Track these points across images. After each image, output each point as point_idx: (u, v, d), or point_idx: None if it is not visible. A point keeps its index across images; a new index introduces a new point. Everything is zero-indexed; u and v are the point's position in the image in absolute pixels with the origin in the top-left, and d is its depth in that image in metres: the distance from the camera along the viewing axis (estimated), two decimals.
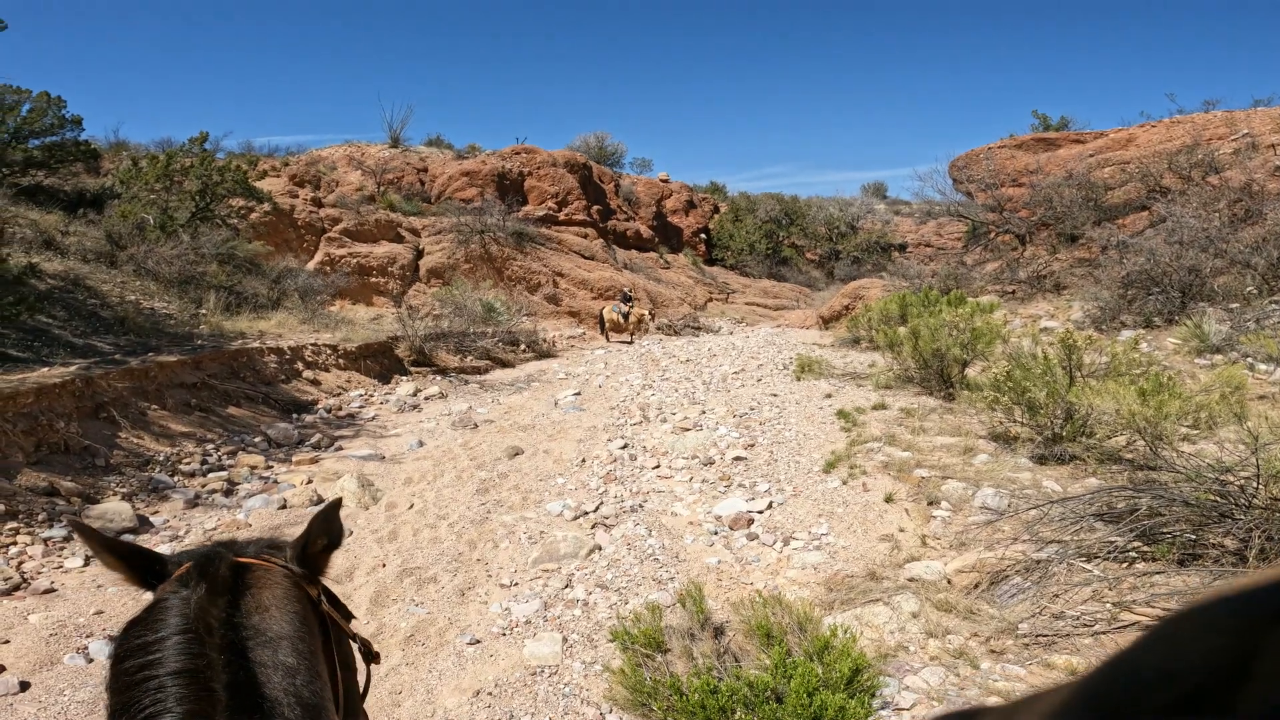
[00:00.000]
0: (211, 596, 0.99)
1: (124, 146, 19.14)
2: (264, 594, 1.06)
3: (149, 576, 1.10)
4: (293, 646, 0.99)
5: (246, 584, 1.06)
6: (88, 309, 9.69)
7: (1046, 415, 5.78)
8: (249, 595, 1.04)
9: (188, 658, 0.89)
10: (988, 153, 19.47)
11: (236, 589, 1.04)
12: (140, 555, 1.11)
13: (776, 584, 4.31)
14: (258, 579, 1.08)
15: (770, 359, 12.61)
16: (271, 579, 1.09)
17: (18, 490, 5.42)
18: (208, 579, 1.02)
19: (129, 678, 0.89)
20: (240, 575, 1.07)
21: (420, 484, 6.53)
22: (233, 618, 0.99)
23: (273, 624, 1.01)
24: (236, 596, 1.03)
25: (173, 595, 0.99)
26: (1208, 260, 11.59)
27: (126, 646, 0.93)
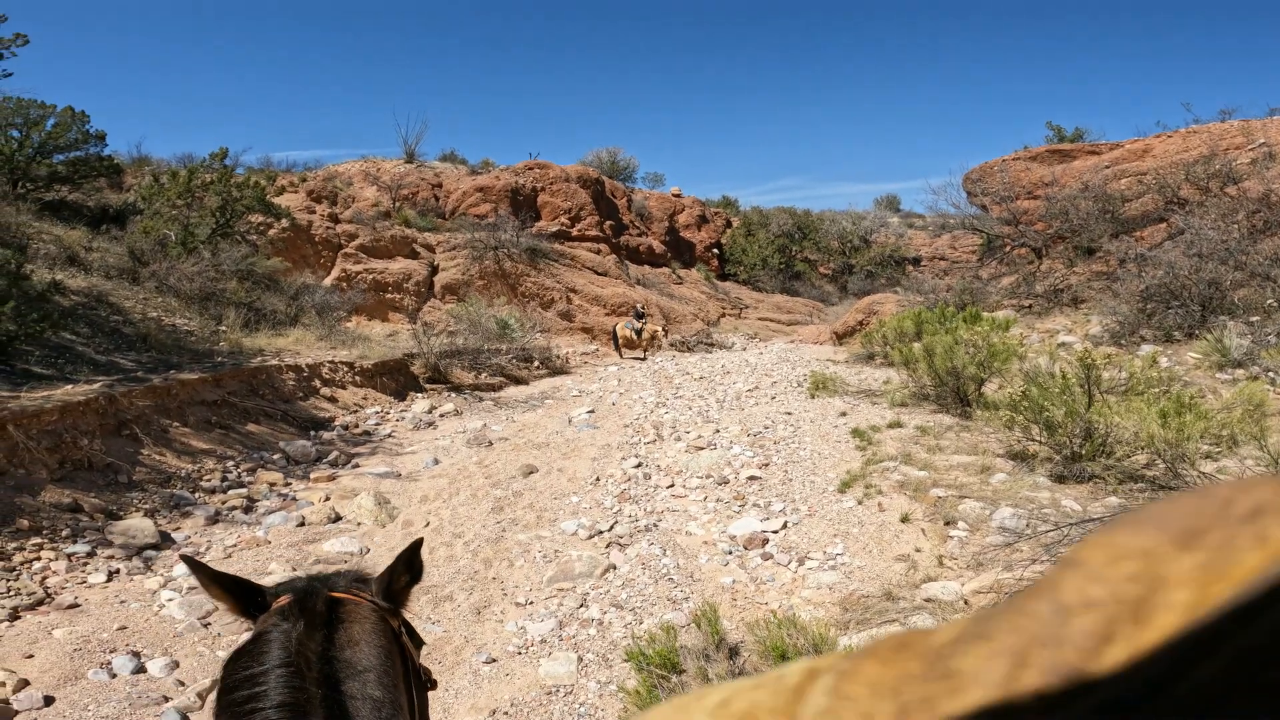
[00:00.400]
0: (310, 631, 1.07)
1: (146, 162, 19.45)
2: (354, 628, 1.13)
3: (250, 606, 1.19)
4: (378, 679, 1.07)
5: (339, 617, 1.13)
6: (110, 325, 9.86)
7: (1065, 434, 5.74)
8: (341, 629, 1.11)
9: (289, 691, 0.97)
10: (1002, 165, 19.40)
11: (331, 622, 1.11)
12: (242, 586, 1.21)
13: (791, 604, 4.30)
14: (349, 613, 1.15)
15: (784, 376, 12.60)
16: (361, 613, 1.17)
17: (42, 506, 5.51)
18: (306, 614, 1.10)
19: (238, 708, 0.97)
20: (334, 609, 1.14)
21: (436, 502, 6.57)
22: (328, 651, 1.06)
23: (362, 657, 1.08)
24: (331, 630, 1.10)
25: (274, 629, 1.07)
26: (1227, 273, 11.48)
27: (235, 678, 1.01)
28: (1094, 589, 0.24)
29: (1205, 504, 0.25)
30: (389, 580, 1.29)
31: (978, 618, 0.26)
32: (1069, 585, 0.24)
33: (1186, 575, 0.23)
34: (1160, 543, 0.24)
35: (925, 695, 0.24)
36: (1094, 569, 0.24)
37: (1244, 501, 0.24)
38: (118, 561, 4.99)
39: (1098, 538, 0.26)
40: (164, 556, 5.19)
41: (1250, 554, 0.22)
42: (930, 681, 0.25)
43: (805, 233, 28.77)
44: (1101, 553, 0.25)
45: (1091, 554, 0.25)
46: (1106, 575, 0.24)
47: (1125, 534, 0.25)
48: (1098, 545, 0.25)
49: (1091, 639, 0.23)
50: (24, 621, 4.09)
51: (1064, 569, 0.25)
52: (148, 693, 3.44)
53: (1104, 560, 0.24)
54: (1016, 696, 0.23)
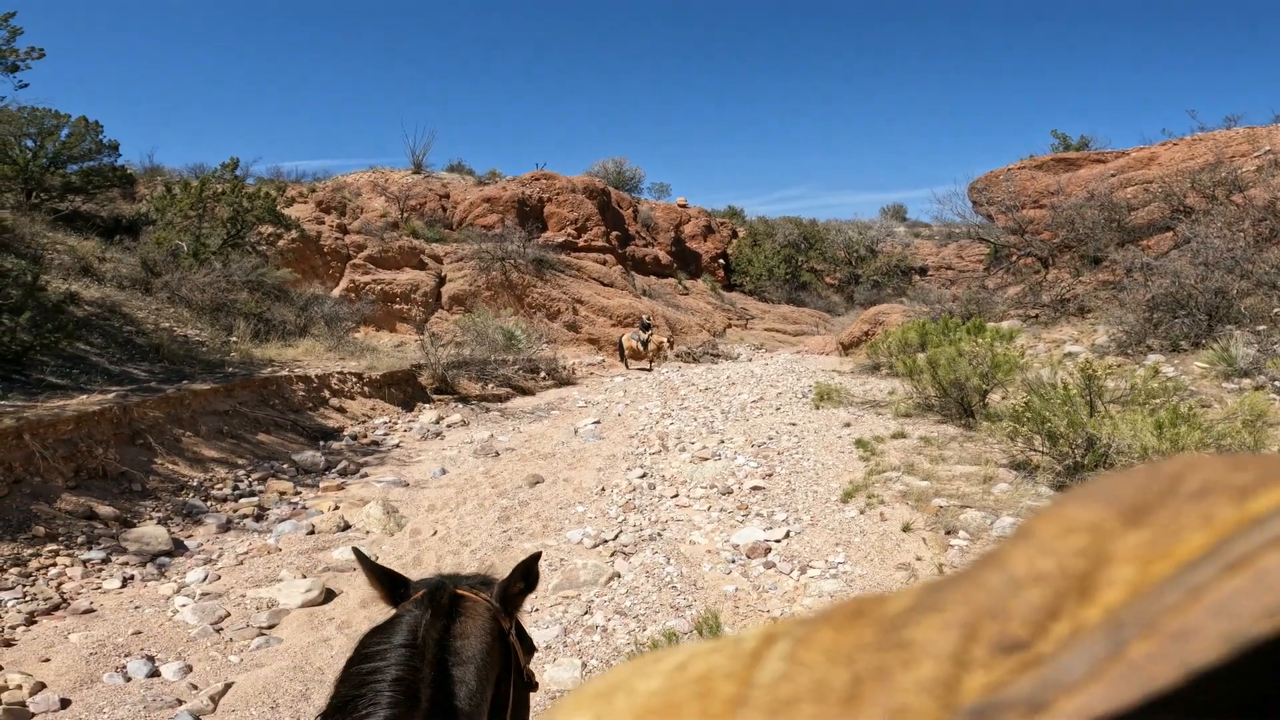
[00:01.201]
0: (434, 619, 1.25)
1: (158, 172, 19.67)
2: (469, 623, 1.31)
3: (396, 596, 1.40)
4: (476, 670, 1.23)
5: (459, 611, 1.32)
6: (124, 336, 10.01)
7: (1067, 444, 5.78)
8: (458, 622, 1.30)
9: (406, 668, 1.13)
10: (1007, 174, 19.43)
11: (452, 615, 1.30)
12: (393, 579, 1.43)
13: (793, 612, 4.35)
14: (467, 609, 1.34)
15: (789, 387, 12.64)
16: (477, 611, 1.35)
17: (58, 514, 5.62)
18: (433, 605, 1.28)
19: (360, 678, 1.12)
20: (456, 603, 1.33)
21: (443, 511, 6.65)
22: (444, 639, 1.24)
23: (468, 648, 1.26)
24: (450, 621, 1.29)
25: (407, 614, 1.26)
26: (1234, 282, 11.47)
27: (365, 650, 1.18)
28: (1043, 562, 0.24)
29: (1155, 480, 0.25)
30: (506, 586, 1.45)
31: (930, 586, 0.26)
32: (1020, 557, 0.24)
33: (1131, 552, 0.23)
34: (1108, 518, 0.24)
35: (879, 664, 0.24)
36: (1044, 541, 0.24)
37: (1193, 479, 0.24)
38: (132, 568, 5.08)
39: (1050, 509, 0.26)
40: (177, 563, 5.28)
41: (1195, 533, 0.22)
42: (884, 651, 0.25)
43: (811, 243, 28.84)
44: (1052, 525, 0.25)
45: (1043, 526, 0.25)
46: (1055, 548, 0.24)
47: (1076, 507, 0.25)
48: (1049, 518, 0.25)
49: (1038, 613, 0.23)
50: (40, 626, 4.18)
51: (1016, 540, 0.25)
52: (162, 696, 3.51)
53: (1054, 533, 0.24)
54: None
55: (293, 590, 4.73)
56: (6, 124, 13.55)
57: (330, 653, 4.01)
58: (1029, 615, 0.23)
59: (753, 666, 0.28)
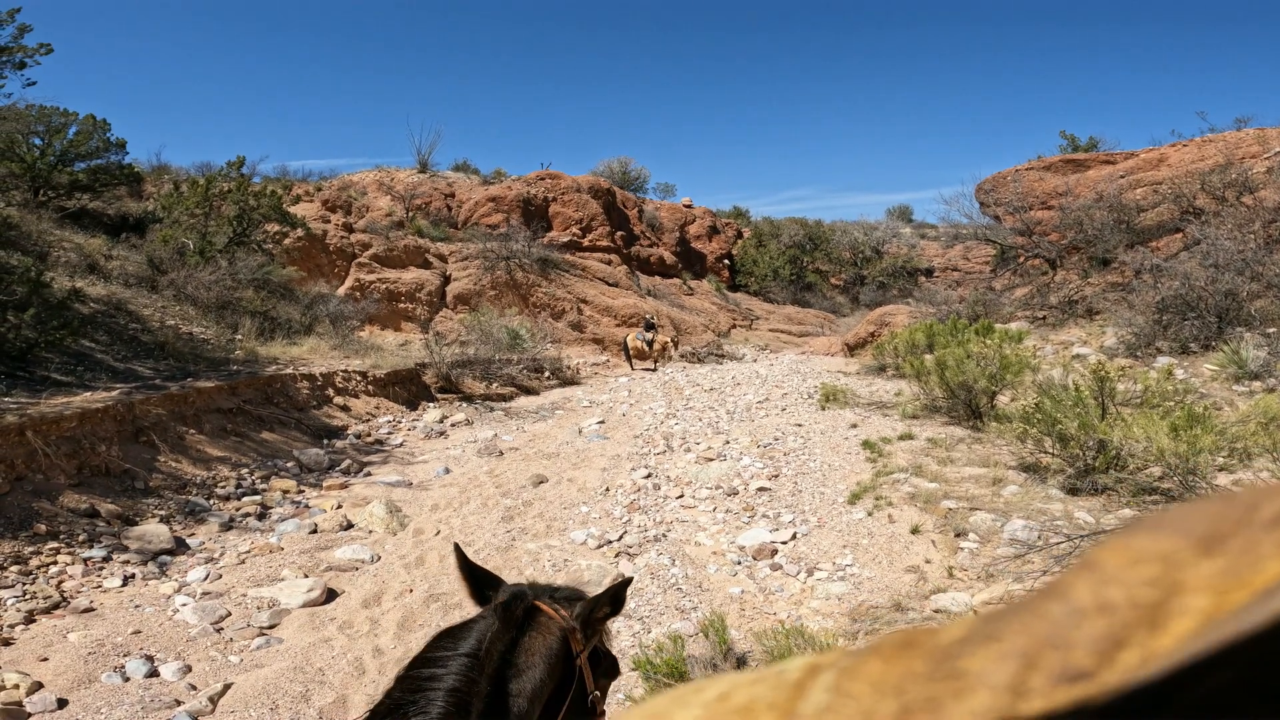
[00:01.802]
0: (502, 632, 1.25)
1: (165, 170, 19.66)
2: (537, 639, 1.30)
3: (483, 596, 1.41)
4: (530, 692, 1.23)
5: (531, 626, 1.31)
6: (129, 333, 10.00)
7: (1078, 446, 5.70)
8: (527, 637, 1.29)
9: (463, 680, 1.14)
10: (1015, 175, 19.32)
11: (523, 627, 1.29)
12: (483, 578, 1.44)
13: (800, 614, 4.29)
14: (540, 624, 1.32)
15: (795, 387, 12.57)
16: (549, 628, 1.33)
17: (59, 511, 5.59)
18: (505, 617, 1.28)
19: (416, 682, 1.14)
20: (530, 617, 1.32)
21: (446, 511, 6.60)
22: (508, 653, 1.24)
23: (528, 668, 1.25)
24: (519, 635, 1.28)
25: (480, 620, 1.27)
26: (1244, 284, 11.36)
27: (427, 654, 1.19)
28: (1109, 592, 0.23)
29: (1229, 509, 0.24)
30: (591, 608, 1.42)
31: (987, 617, 0.26)
32: (1083, 587, 0.24)
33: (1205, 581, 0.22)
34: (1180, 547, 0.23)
35: (930, 695, 0.24)
36: (1110, 572, 0.24)
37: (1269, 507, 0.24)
38: (133, 566, 5.05)
39: (1116, 540, 0.25)
40: (178, 562, 5.25)
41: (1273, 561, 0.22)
42: (935, 681, 0.24)
43: (816, 243, 28.75)
44: (1119, 556, 0.24)
45: (1109, 557, 0.24)
46: (1123, 578, 0.23)
47: (1144, 537, 0.24)
48: (1115, 548, 0.25)
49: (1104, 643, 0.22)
50: (39, 625, 4.15)
51: (1079, 571, 0.25)
52: (160, 696, 3.47)
53: (1121, 563, 0.24)
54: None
55: (294, 590, 4.69)
56: (14, 122, 13.57)
57: (331, 653, 3.96)
58: (1094, 645, 0.22)
59: (796, 698, 0.27)
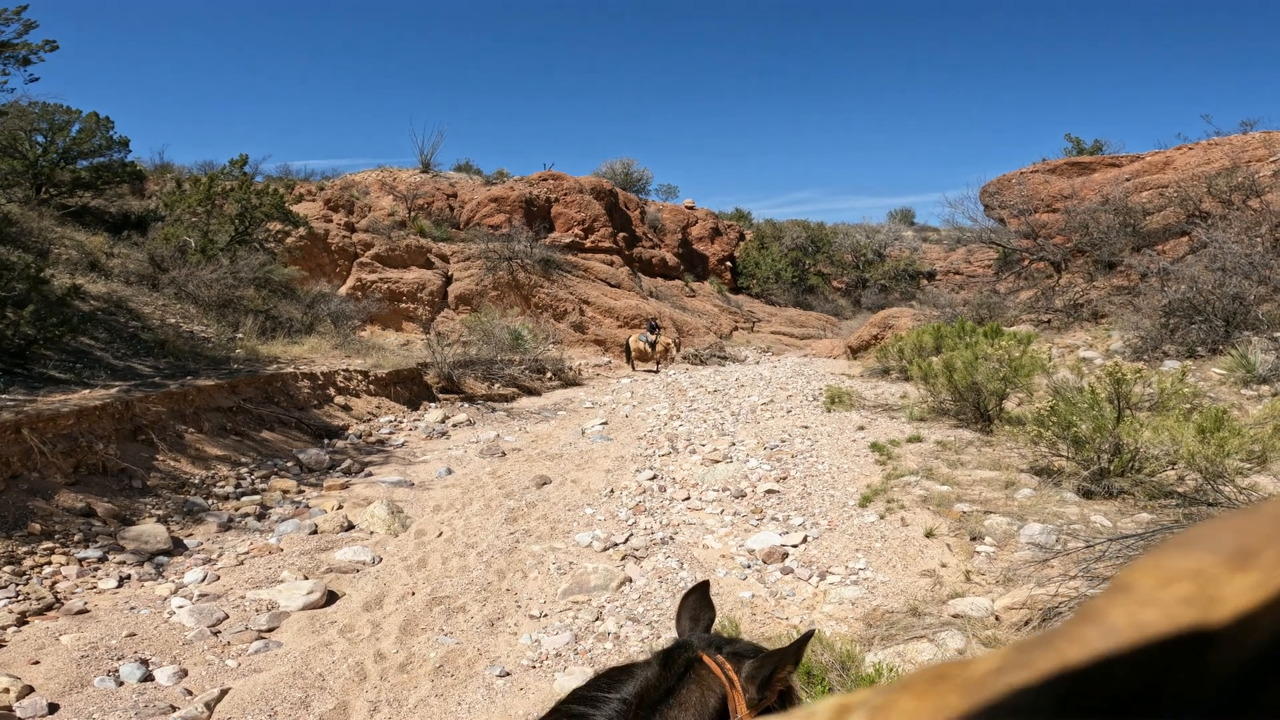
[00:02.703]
0: (661, 680, 1.20)
1: (168, 168, 19.59)
2: (693, 693, 1.22)
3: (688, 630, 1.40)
4: None
5: (689, 678, 1.24)
6: (129, 331, 9.90)
7: (1093, 449, 5.60)
8: (684, 690, 1.22)
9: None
10: (1020, 178, 19.22)
11: (681, 678, 1.23)
12: (695, 617, 1.44)
13: (813, 619, 4.18)
14: (700, 677, 1.24)
15: (799, 390, 12.47)
16: (708, 685, 1.24)
17: (55, 511, 5.48)
18: (665, 665, 1.23)
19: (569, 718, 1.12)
20: (691, 668, 1.25)
21: (449, 512, 6.49)
22: (661, 703, 1.17)
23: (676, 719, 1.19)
24: (677, 685, 1.21)
25: (644, 666, 1.23)
26: (1251, 287, 11.27)
27: (585, 692, 1.17)
28: (1146, 613, 0.23)
29: (1256, 522, 0.24)
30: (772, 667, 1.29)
31: (1019, 647, 0.25)
32: (1118, 611, 0.23)
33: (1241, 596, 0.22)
34: (1212, 563, 0.23)
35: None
36: (1144, 593, 0.23)
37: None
38: (129, 567, 4.94)
39: (1146, 561, 0.25)
40: (175, 563, 5.14)
41: None
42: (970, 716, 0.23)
43: (819, 246, 28.66)
44: (1152, 576, 0.24)
45: (1141, 577, 0.24)
46: (1158, 599, 0.23)
47: (1175, 556, 0.24)
48: (1147, 568, 0.24)
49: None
50: (32, 627, 4.03)
51: (1112, 594, 0.24)
52: (154, 701, 3.36)
53: (1154, 583, 0.24)
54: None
55: (294, 592, 4.58)
56: (17, 119, 13.49)
57: (331, 658, 3.85)
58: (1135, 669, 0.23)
59: None
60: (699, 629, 1.41)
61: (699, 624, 1.41)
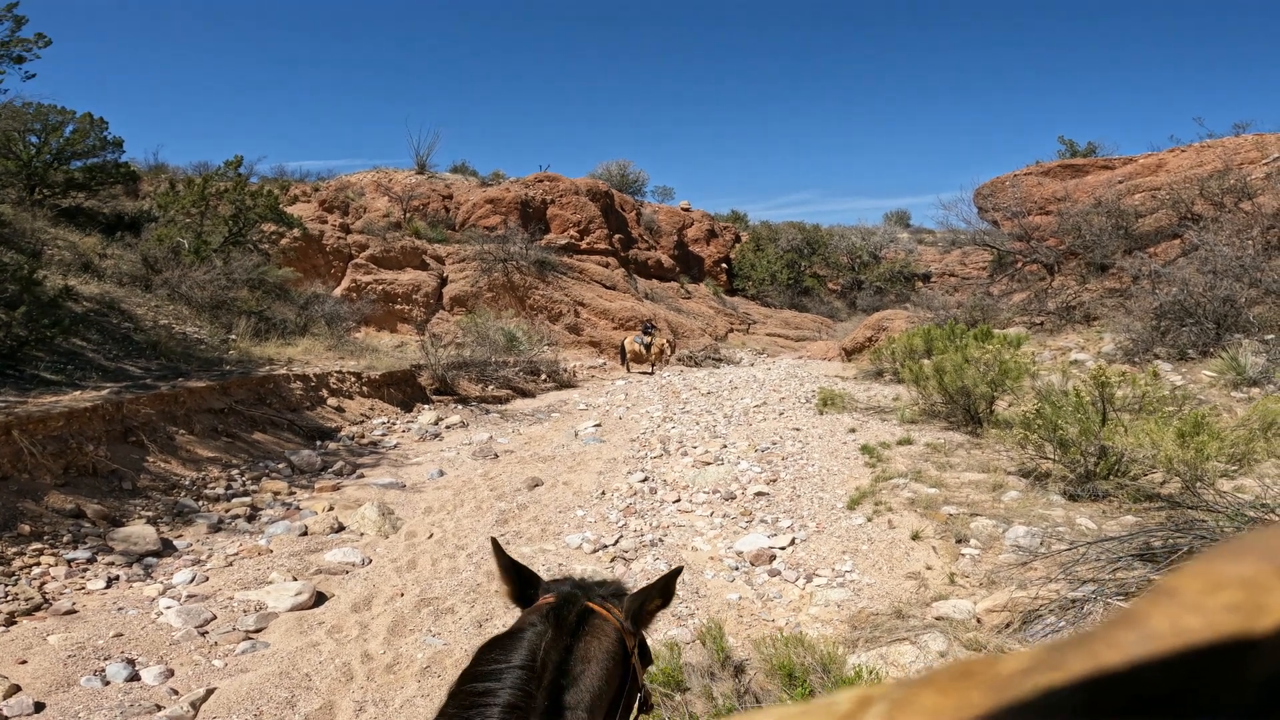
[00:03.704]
0: (556, 638, 1.18)
1: (163, 169, 19.52)
2: (593, 644, 1.22)
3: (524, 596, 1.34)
4: (590, 703, 1.15)
5: (585, 630, 1.23)
6: (121, 332, 9.90)
7: (1078, 452, 5.63)
8: (582, 642, 1.21)
9: (519, 693, 1.07)
10: (1014, 180, 19.29)
11: (576, 632, 1.22)
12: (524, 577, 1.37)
13: (799, 621, 4.21)
14: (595, 627, 1.25)
15: (792, 392, 12.50)
16: (604, 631, 1.26)
17: (44, 512, 5.49)
18: (558, 623, 1.21)
19: (471, 698, 1.08)
20: (584, 620, 1.25)
21: (440, 513, 6.51)
22: (564, 661, 1.16)
23: (587, 677, 1.17)
24: (574, 641, 1.20)
25: (529, 628, 1.19)
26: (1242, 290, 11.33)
27: (480, 668, 1.12)
28: (1188, 619, 0.22)
29: None
30: (642, 602, 1.35)
31: (1051, 647, 0.25)
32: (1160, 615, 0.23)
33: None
34: (1263, 571, 0.23)
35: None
36: (1189, 598, 0.23)
37: None
38: (118, 568, 4.95)
39: (1194, 566, 0.24)
40: (164, 564, 5.15)
41: None
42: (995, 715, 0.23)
43: (814, 248, 28.71)
44: (1198, 581, 0.24)
45: (1187, 583, 0.24)
46: (1203, 605, 0.23)
47: (1225, 562, 0.24)
48: (1194, 574, 0.24)
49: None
50: (20, 627, 4.04)
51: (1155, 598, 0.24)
52: (140, 701, 3.38)
53: (1200, 589, 0.23)
54: None
55: (282, 593, 4.59)
56: (11, 119, 13.47)
57: (319, 658, 3.87)
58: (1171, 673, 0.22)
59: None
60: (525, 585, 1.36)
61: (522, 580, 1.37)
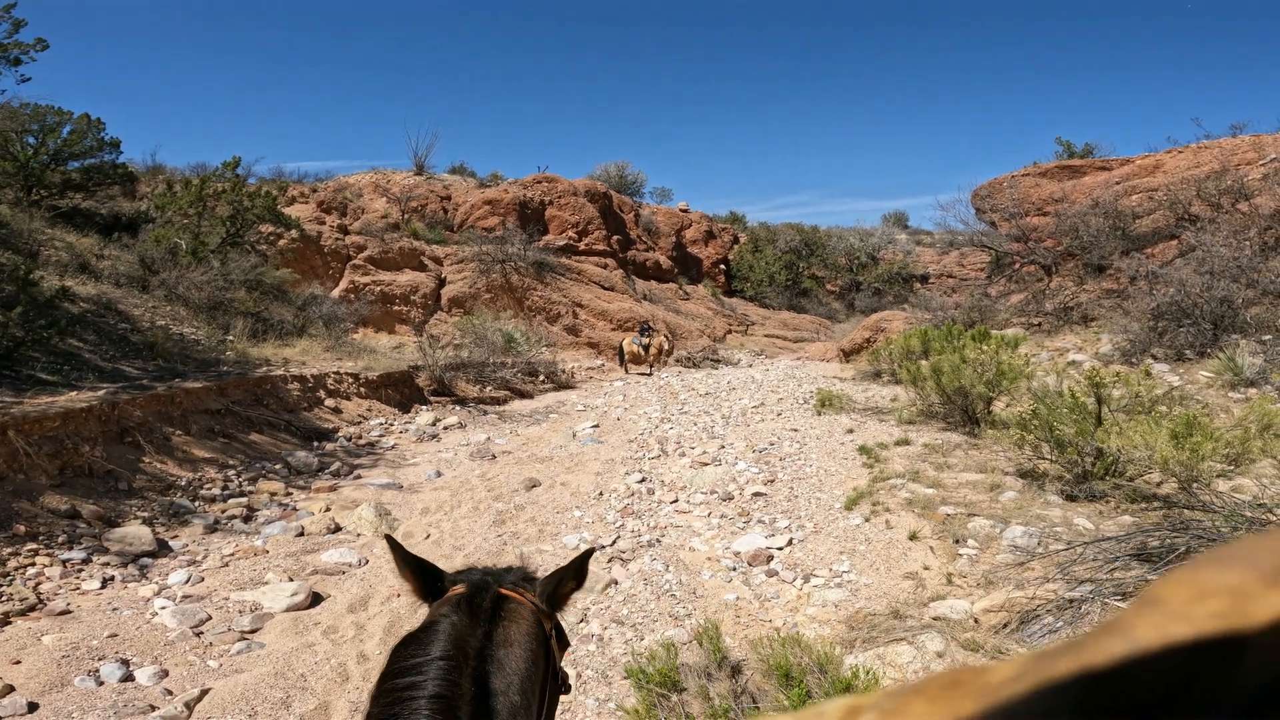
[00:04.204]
0: (473, 626, 1.15)
1: (160, 170, 19.48)
2: (512, 628, 1.20)
3: (430, 590, 1.29)
4: (520, 685, 1.13)
5: (501, 615, 1.21)
6: (118, 333, 9.88)
7: (1075, 452, 5.63)
8: (501, 628, 1.18)
9: (445, 684, 1.04)
10: (1011, 181, 19.30)
11: (493, 619, 1.19)
12: (427, 571, 1.32)
13: (796, 621, 4.20)
14: (511, 612, 1.22)
15: (790, 393, 12.50)
16: (521, 614, 1.23)
17: (39, 512, 5.47)
18: (473, 611, 1.18)
19: (397, 694, 1.04)
20: (498, 606, 1.22)
21: (437, 514, 6.50)
22: (485, 648, 1.13)
23: (512, 660, 1.15)
24: (492, 627, 1.17)
25: (443, 620, 1.15)
26: (1239, 291, 11.35)
27: (399, 664, 1.08)
28: (1175, 627, 0.22)
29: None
30: (556, 584, 1.34)
31: (1039, 655, 0.25)
32: (1146, 624, 0.23)
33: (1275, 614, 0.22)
34: (1248, 580, 0.23)
35: None
36: (1175, 607, 0.23)
37: None
38: (113, 569, 4.93)
39: (1179, 574, 0.24)
40: (160, 564, 5.13)
41: None
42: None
43: (813, 249, 28.72)
44: (1184, 590, 0.24)
45: (1172, 591, 0.24)
46: (1189, 614, 0.23)
47: (1210, 571, 0.24)
48: (1179, 582, 0.24)
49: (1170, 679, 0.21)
50: (14, 627, 4.03)
51: (1141, 607, 0.24)
52: (134, 701, 3.36)
53: (1186, 598, 0.23)
54: None
55: (278, 594, 4.58)
56: (8, 120, 13.45)
57: (314, 659, 3.86)
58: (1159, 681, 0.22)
59: None
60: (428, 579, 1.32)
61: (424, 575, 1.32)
